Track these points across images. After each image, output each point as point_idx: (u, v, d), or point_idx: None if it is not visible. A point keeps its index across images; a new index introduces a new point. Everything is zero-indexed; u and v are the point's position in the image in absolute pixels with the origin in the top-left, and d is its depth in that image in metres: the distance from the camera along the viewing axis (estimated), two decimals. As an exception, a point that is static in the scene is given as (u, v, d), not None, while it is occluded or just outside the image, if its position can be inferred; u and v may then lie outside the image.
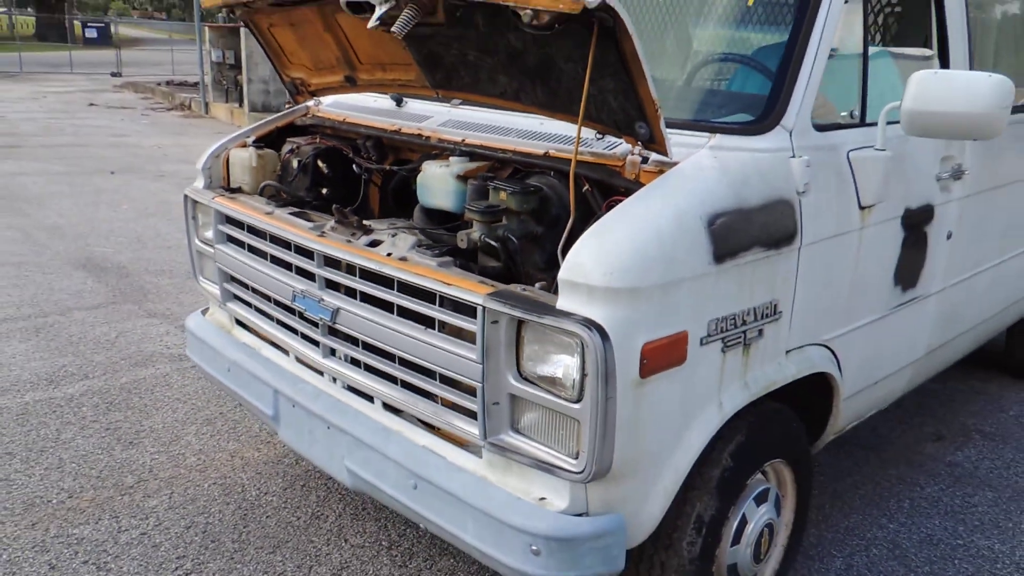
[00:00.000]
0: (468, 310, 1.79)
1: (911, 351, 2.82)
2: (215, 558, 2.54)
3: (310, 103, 2.89)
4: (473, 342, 1.79)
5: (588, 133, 1.97)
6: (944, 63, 2.62)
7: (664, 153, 1.80)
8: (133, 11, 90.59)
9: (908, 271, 2.57)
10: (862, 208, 2.23)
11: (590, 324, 1.61)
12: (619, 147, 1.94)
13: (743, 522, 2.14)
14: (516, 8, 1.63)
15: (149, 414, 3.46)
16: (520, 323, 1.74)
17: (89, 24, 43.15)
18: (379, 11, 1.86)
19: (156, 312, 4.69)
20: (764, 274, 1.96)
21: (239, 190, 2.68)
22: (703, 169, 1.85)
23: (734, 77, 2.29)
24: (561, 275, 1.68)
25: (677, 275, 1.72)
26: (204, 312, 2.87)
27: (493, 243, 1.92)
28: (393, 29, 1.87)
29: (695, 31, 2.45)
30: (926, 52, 2.65)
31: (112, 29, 42.43)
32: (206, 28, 15.36)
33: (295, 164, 2.64)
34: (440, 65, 2.16)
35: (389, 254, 1.99)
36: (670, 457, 1.86)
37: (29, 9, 52.57)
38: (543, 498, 1.81)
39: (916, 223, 2.52)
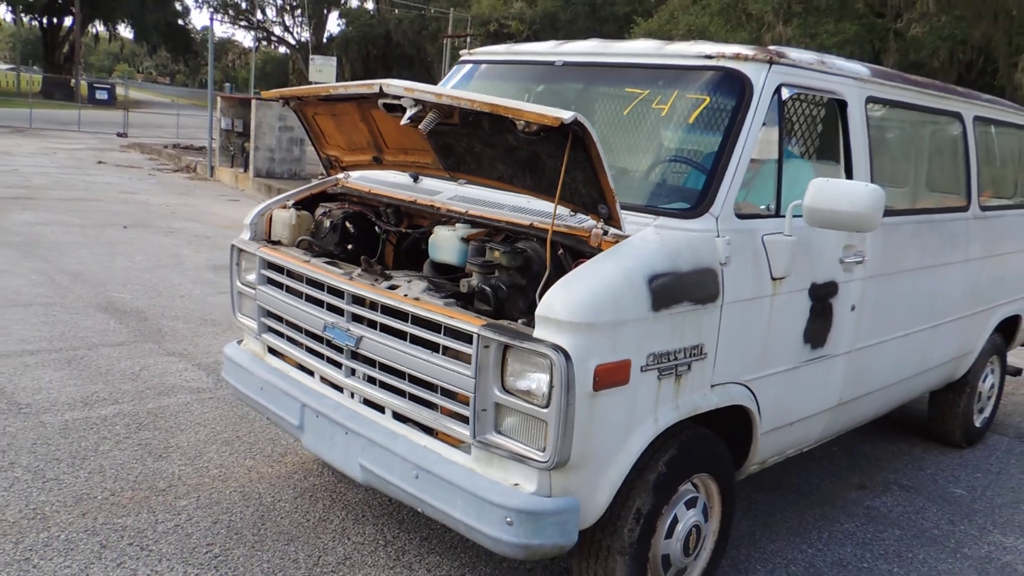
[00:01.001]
0: (466, 338, 2.35)
1: (823, 400, 3.34)
2: (238, 546, 3.03)
3: (340, 176, 3.45)
4: (469, 362, 2.34)
5: (564, 211, 2.55)
6: (848, 174, 3.22)
7: (619, 228, 2.41)
8: (138, 74, 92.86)
9: (816, 333, 3.11)
10: (774, 279, 2.81)
11: (557, 348, 2.18)
12: (586, 222, 2.51)
13: (675, 520, 2.68)
14: (513, 118, 2.25)
15: (174, 434, 3.96)
16: (506, 348, 2.29)
17: (97, 85, 44.40)
18: (410, 112, 2.48)
19: (174, 351, 5.21)
20: (692, 323, 2.53)
21: (279, 243, 3.24)
22: (648, 241, 2.45)
23: (677, 175, 2.89)
24: (537, 312, 2.26)
25: (623, 317, 2.30)
26: (239, 342, 3.42)
27: (487, 289, 2.45)
28: (420, 127, 2.49)
29: (650, 138, 3.05)
30: (833, 164, 3.30)
31: (120, 91, 43.66)
32: (218, 97, 16.22)
33: (327, 224, 3.17)
34: (452, 153, 2.76)
35: (406, 295, 2.56)
36: (615, 456, 2.39)
37: (35, 68, 54.05)
38: (517, 483, 2.34)
39: (822, 295, 3.08)
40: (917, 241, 3.74)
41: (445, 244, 2.75)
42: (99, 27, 58.41)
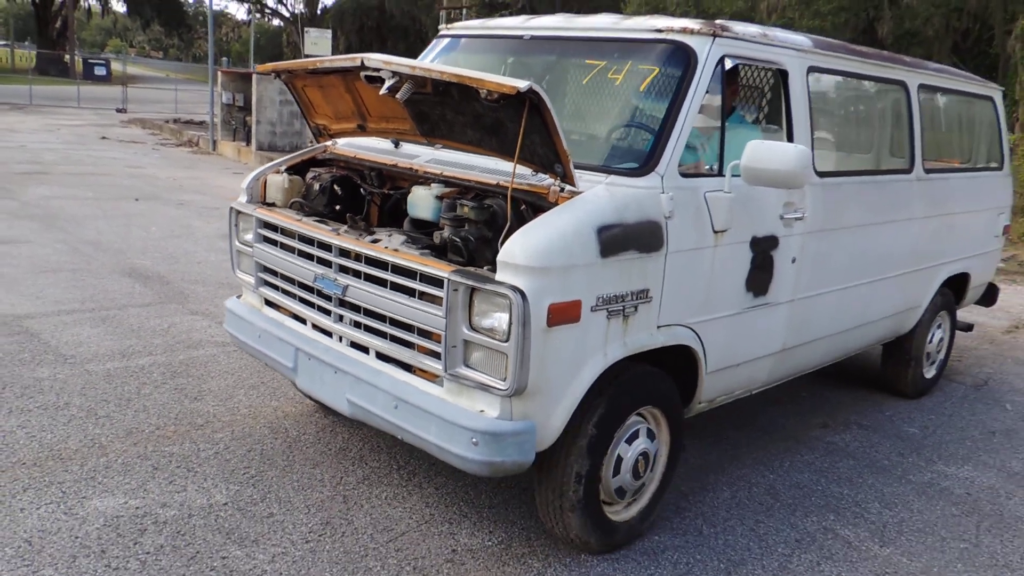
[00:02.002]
0: (437, 283, 2.63)
1: (767, 345, 3.60)
2: (271, 468, 3.49)
3: (329, 143, 3.70)
4: (440, 305, 2.62)
5: (527, 171, 2.80)
6: (789, 138, 3.46)
7: (573, 185, 2.69)
8: (131, 49, 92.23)
9: (758, 282, 3.37)
10: (716, 232, 3.07)
11: (516, 289, 2.46)
12: (545, 180, 2.77)
13: (626, 445, 2.98)
14: (477, 88, 2.54)
15: (206, 380, 4.41)
16: (472, 291, 2.57)
17: (92, 61, 44.33)
18: (388, 83, 2.77)
19: (197, 311, 5.65)
20: (638, 269, 2.80)
21: (273, 205, 3.50)
22: (599, 197, 2.73)
23: (628, 138, 3.14)
24: (499, 258, 2.53)
25: (574, 262, 2.57)
26: (238, 297, 3.73)
27: (458, 240, 2.70)
28: (397, 96, 2.77)
29: (605, 105, 3.32)
30: (774, 127, 3.61)
31: (117, 66, 43.62)
32: (219, 72, 16.49)
33: (317, 187, 3.44)
34: (428, 120, 3.03)
35: (386, 247, 2.84)
36: (569, 386, 2.68)
37: (27, 44, 53.82)
38: (482, 410, 2.64)
39: (762, 248, 3.34)
40: (858, 200, 4.01)
41: (421, 202, 3.01)
42: (91, 1, 58.14)
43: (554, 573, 2.95)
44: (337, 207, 3.42)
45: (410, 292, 2.76)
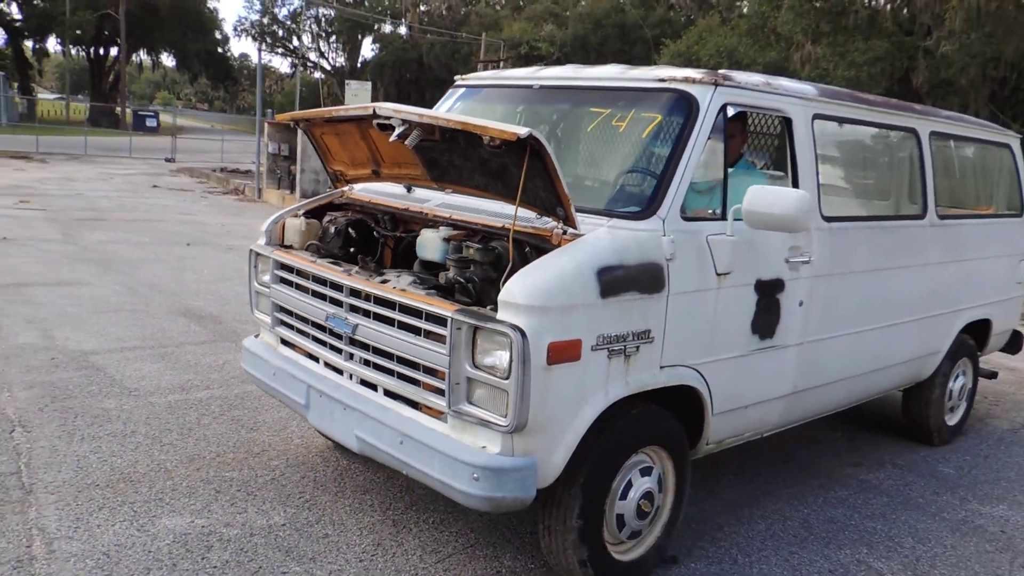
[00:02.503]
0: (442, 322, 2.69)
1: (777, 388, 3.59)
2: (324, 494, 3.70)
3: (345, 188, 3.81)
4: (445, 343, 2.69)
5: (531, 214, 2.85)
6: (795, 183, 3.50)
7: (574, 227, 2.74)
8: (178, 101, 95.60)
9: (764, 325, 3.38)
10: (718, 274, 3.11)
11: (516, 328, 2.51)
12: (549, 223, 2.83)
13: (629, 484, 3.00)
14: (481, 135, 2.62)
15: (260, 412, 4.65)
16: (475, 329, 2.62)
17: (142, 113, 46.11)
18: (397, 131, 2.86)
19: (249, 349, 5.92)
20: (639, 310, 2.84)
21: (290, 247, 3.61)
22: (600, 239, 2.77)
23: (631, 183, 3.20)
24: (500, 298, 2.60)
25: (573, 302, 2.62)
26: (256, 336, 3.84)
27: (462, 280, 2.79)
28: (406, 142, 2.87)
29: (609, 151, 3.42)
30: (780, 174, 3.65)
31: (167, 118, 45.27)
32: (265, 123, 17.16)
33: (332, 230, 3.54)
34: (437, 165, 3.11)
35: (394, 287, 2.93)
36: (570, 423, 2.71)
37: (80, 96, 56.16)
38: (484, 446, 2.69)
39: (768, 290, 3.36)
40: (868, 245, 4.00)
41: (429, 244, 3.10)
42: (143, 56, 60.62)
43: (594, 595, 3.08)
44: (352, 249, 3.51)
45: (416, 331, 2.82)
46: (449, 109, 4.10)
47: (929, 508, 4.20)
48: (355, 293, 3.10)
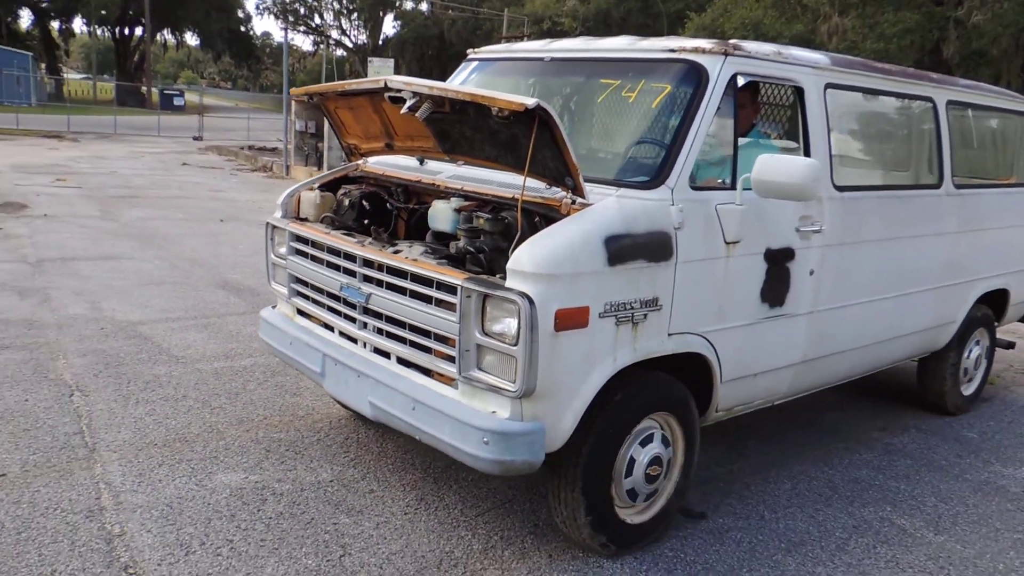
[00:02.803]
0: (452, 290, 2.74)
1: (787, 356, 3.60)
2: (367, 453, 3.88)
3: (360, 162, 3.83)
4: (455, 311, 2.72)
5: (542, 184, 2.88)
6: (807, 152, 3.49)
7: (583, 197, 2.77)
8: (201, 80, 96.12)
9: (774, 293, 3.38)
10: (727, 243, 3.11)
11: (523, 295, 2.55)
12: (559, 193, 2.84)
13: (637, 449, 3.04)
14: (489, 106, 2.64)
15: (302, 378, 4.84)
16: (485, 297, 2.66)
17: (169, 92, 46.52)
18: (408, 103, 2.89)
19: (288, 320, 6.12)
20: (647, 278, 2.85)
21: (306, 220, 3.66)
22: (608, 208, 2.79)
23: (640, 153, 3.21)
24: (508, 266, 2.63)
25: (581, 270, 2.65)
26: (273, 307, 3.91)
27: (472, 250, 2.83)
28: (417, 115, 2.91)
29: (619, 122, 3.44)
30: (792, 144, 3.61)
31: (195, 97, 45.63)
32: (293, 101, 17.33)
33: (346, 203, 3.59)
34: (448, 138, 3.13)
35: (406, 257, 2.97)
36: (578, 389, 2.75)
37: (106, 76, 56.72)
38: (494, 411, 2.73)
39: (778, 259, 3.36)
40: (881, 214, 3.98)
41: (441, 215, 3.15)
42: (167, 36, 61.05)
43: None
44: (366, 221, 3.56)
45: (427, 299, 2.88)
46: (462, 82, 4.11)
47: (952, 470, 4.31)
48: (368, 263, 3.14)
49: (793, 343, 3.61)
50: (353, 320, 3.26)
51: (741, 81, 3.25)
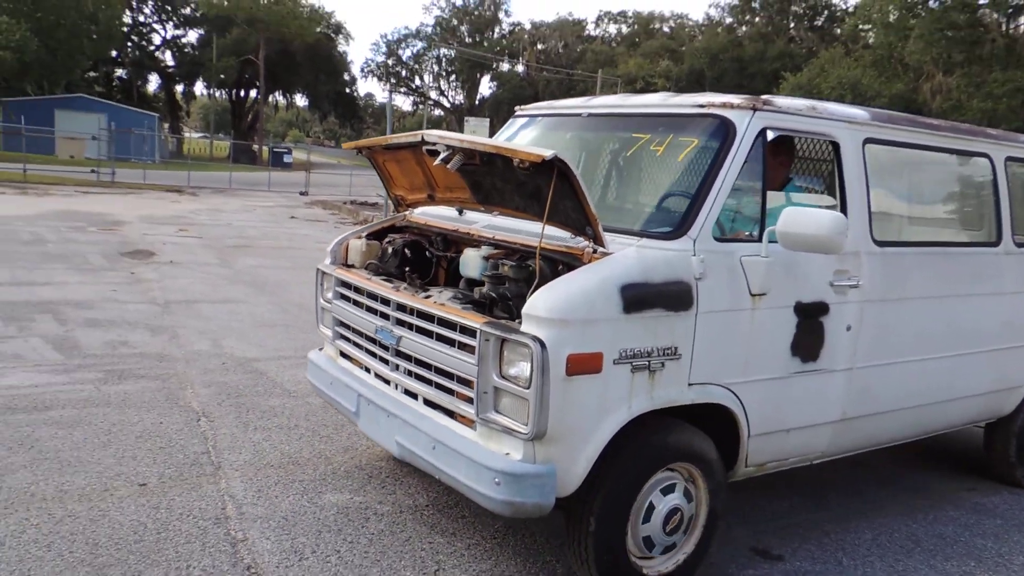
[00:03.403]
0: (473, 334, 2.84)
1: (823, 413, 3.54)
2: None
3: (407, 212, 4.01)
4: (475, 354, 2.82)
5: (567, 234, 2.96)
6: (843, 206, 3.47)
7: (602, 245, 2.83)
8: (307, 138, 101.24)
9: (805, 347, 3.34)
10: (753, 295, 3.11)
11: (536, 339, 2.62)
12: (582, 243, 2.92)
13: (656, 499, 3.02)
14: (511, 157, 2.77)
15: (401, 415, 5.20)
16: (503, 341, 2.74)
17: (277, 149, 49.34)
18: (442, 155, 3.06)
19: (387, 361, 6.54)
20: (665, 327, 2.88)
21: (352, 266, 3.85)
22: (627, 257, 2.84)
23: (665, 204, 3.27)
24: (523, 310, 2.72)
25: (595, 316, 2.70)
26: (320, 349, 4.14)
27: (495, 296, 2.96)
28: (448, 166, 3.06)
29: (647, 175, 3.55)
30: (830, 200, 3.59)
31: (302, 155, 48.21)
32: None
33: (390, 250, 3.74)
34: (482, 189, 3.26)
35: (434, 301, 3.12)
36: (591, 435, 2.78)
37: (221, 135, 60.60)
38: (508, 453, 2.80)
39: (809, 313, 3.33)
40: (928, 272, 3.88)
41: (471, 263, 3.30)
42: (278, 98, 64.90)
43: (704, 581, 3.40)
44: (406, 269, 3.68)
45: (451, 343, 2.99)
46: (508, 138, 4.22)
47: (1045, 532, 4.25)
48: (401, 308, 3.28)
49: (830, 400, 3.55)
50: (386, 362, 3.40)
51: (771, 135, 3.27)
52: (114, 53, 50.08)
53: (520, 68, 61.13)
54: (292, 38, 49.95)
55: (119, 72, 54.65)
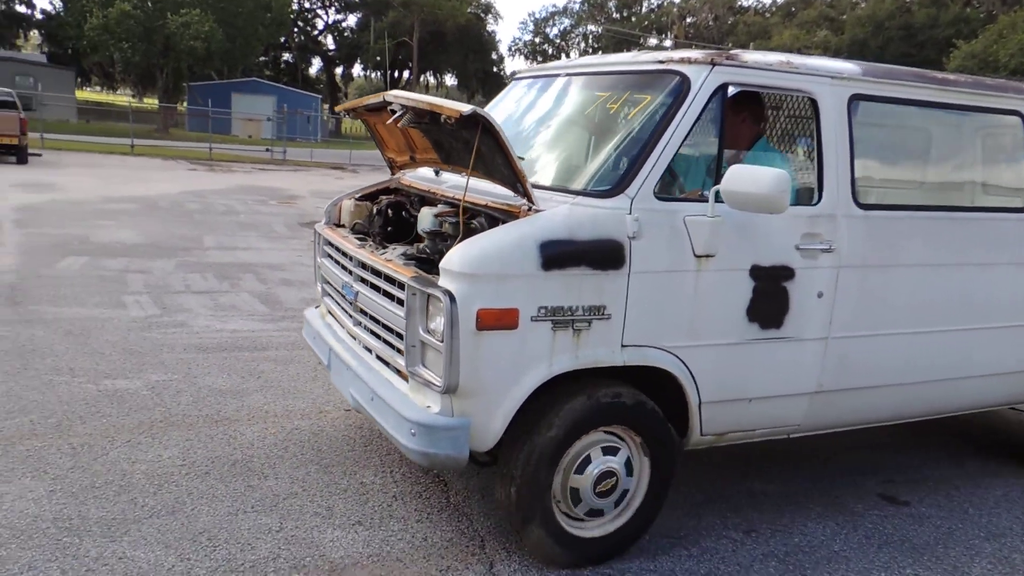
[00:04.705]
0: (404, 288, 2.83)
1: (794, 383, 3.31)
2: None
3: (399, 174, 4.00)
4: (404, 307, 2.82)
5: (511, 192, 2.91)
6: (820, 167, 3.23)
7: (531, 202, 2.79)
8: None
9: (766, 313, 3.13)
10: (697, 256, 2.94)
11: (447, 292, 2.61)
12: (520, 200, 2.86)
13: (587, 460, 2.94)
14: (441, 114, 2.78)
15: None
16: (428, 296, 2.73)
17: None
18: (396, 115, 3.06)
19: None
20: (591, 285, 2.77)
21: (342, 226, 3.88)
22: (555, 215, 2.76)
23: (608, 162, 3.08)
24: (440, 265, 2.71)
25: (509, 272, 2.64)
26: (316, 307, 4.18)
27: (429, 252, 2.98)
28: (399, 124, 3.07)
29: (598, 133, 3.40)
30: (802, 160, 3.40)
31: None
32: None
33: (375, 211, 3.74)
34: (443, 148, 3.29)
35: (384, 258, 3.12)
36: (508, 390, 2.73)
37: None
38: (429, 406, 2.79)
39: (768, 277, 3.10)
40: (932, 237, 3.54)
41: (424, 220, 3.30)
42: (429, 78, 67.26)
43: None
44: (389, 228, 3.66)
45: (392, 298, 3.01)
46: (499, 100, 4.17)
47: None
48: (361, 265, 3.31)
49: (802, 370, 3.32)
50: (350, 317, 3.48)
51: (732, 91, 3.09)
52: (282, 39, 53.68)
53: (668, 43, 60.15)
54: (444, 19, 51.61)
55: (285, 56, 58.48)
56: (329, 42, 60.03)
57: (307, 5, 57.14)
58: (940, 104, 3.63)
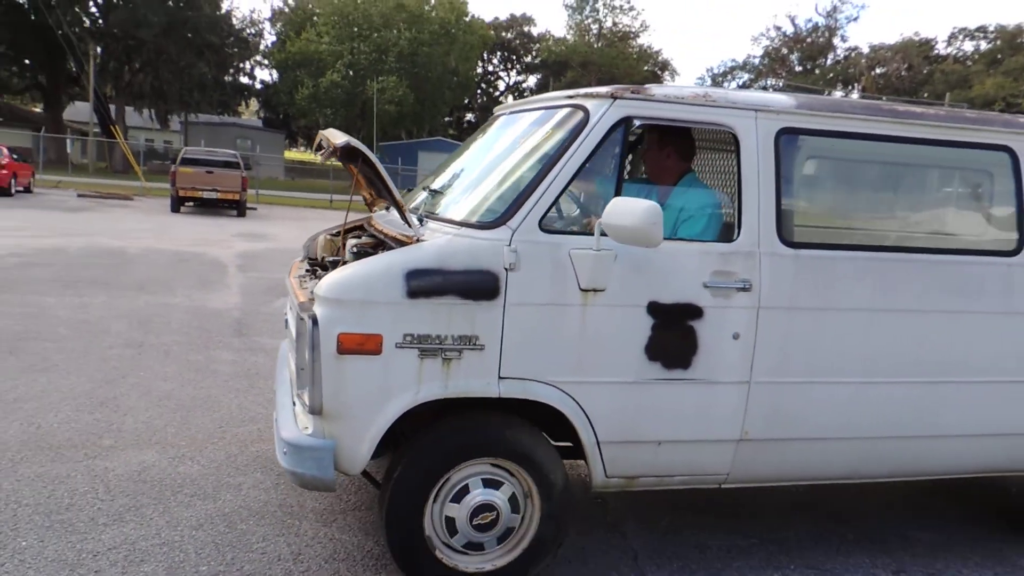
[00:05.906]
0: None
1: (711, 429, 3.11)
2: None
3: (374, 211, 4.03)
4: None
5: (414, 220, 2.97)
6: (739, 203, 3.09)
7: (412, 232, 2.88)
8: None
9: (669, 353, 2.98)
10: (583, 290, 2.85)
11: (312, 316, 2.69)
12: (414, 231, 2.92)
13: (464, 490, 2.92)
14: (328, 145, 2.87)
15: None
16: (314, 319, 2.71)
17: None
18: (322, 153, 3.14)
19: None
20: (462, 315, 2.75)
21: (315, 259, 3.89)
22: (430, 245, 2.79)
23: (502, 194, 3.06)
24: (312, 290, 2.81)
25: (373, 298, 2.69)
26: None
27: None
28: (322, 158, 3.16)
29: (498, 166, 3.37)
30: (724, 196, 3.36)
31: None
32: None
33: (341, 245, 3.74)
34: (373, 184, 3.39)
35: (303, 287, 3.20)
36: (374, 415, 2.75)
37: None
38: (307, 427, 2.83)
39: (671, 315, 2.96)
40: (886, 280, 3.24)
41: (347, 251, 3.38)
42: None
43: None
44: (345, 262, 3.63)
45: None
46: (474, 136, 4.18)
47: None
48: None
49: (720, 415, 3.12)
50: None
51: (637, 124, 3.08)
52: (466, 100, 56.96)
53: (855, 96, 57.75)
54: (622, 77, 52.71)
55: (468, 116, 61.87)
56: (510, 101, 62.77)
57: (490, 68, 60.40)
58: (904, 139, 3.34)
